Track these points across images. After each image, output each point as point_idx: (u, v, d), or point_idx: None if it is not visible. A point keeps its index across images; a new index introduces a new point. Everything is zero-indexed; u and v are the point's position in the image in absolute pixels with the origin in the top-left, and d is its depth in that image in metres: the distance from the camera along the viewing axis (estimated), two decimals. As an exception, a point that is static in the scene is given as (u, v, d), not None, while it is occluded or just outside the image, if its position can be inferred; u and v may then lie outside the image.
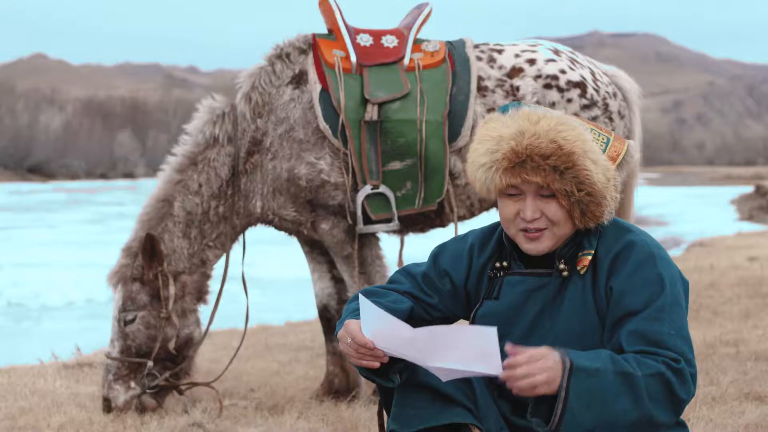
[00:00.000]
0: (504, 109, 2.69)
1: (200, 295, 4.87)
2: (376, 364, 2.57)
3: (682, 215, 30.80)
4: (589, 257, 2.65)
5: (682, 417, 2.67)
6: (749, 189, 42.50)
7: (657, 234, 21.35)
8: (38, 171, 75.80)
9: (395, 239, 5.08)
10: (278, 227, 4.94)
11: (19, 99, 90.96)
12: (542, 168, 2.57)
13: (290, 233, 5.00)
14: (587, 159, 2.59)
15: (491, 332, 2.39)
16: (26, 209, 34.99)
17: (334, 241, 4.78)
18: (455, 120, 4.75)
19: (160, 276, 4.69)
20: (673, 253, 16.15)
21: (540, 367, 2.39)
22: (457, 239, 2.90)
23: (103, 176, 78.62)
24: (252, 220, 4.87)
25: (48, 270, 16.21)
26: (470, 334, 2.42)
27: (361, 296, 2.58)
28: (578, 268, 2.65)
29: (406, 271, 2.89)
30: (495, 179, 2.61)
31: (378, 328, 2.53)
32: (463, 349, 2.44)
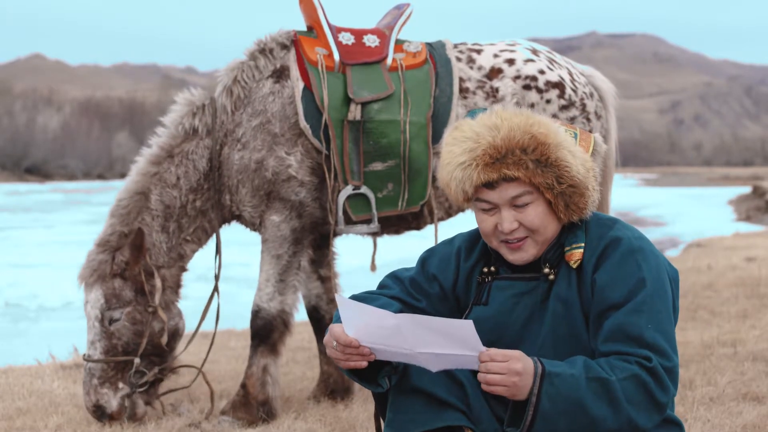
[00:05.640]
0: (471, 115, 2.70)
1: (177, 288, 4.81)
2: (364, 364, 2.56)
3: (680, 216, 30.79)
4: (580, 250, 2.65)
5: (680, 417, 2.67)
6: (747, 189, 42.56)
7: (655, 234, 21.38)
8: (36, 171, 75.72)
9: (368, 243, 5.03)
10: (245, 224, 4.89)
11: (16, 99, 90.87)
12: (523, 162, 2.58)
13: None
14: (565, 151, 2.61)
15: (468, 324, 2.41)
16: (24, 210, 34.94)
17: (277, 235, 4.69)
18: (438, 122, 4.73)
19: (142, 270, 4.62)
20: (671, 253, 16.16)
21: (508, 367, 2.41)
22: (445, 243, 2.90)
23: (101, 177, 78.51)
24: (226, 214, 4.80)
25: (46, 270, 16.17)
26: (449, 324, 2.44)
27: (337, 296, 2.59)
28: (570, 263, 2.65)
29: (394, 276, 2.89)
30: (473, 176, 2.59)
31: (360, 324, 2.53)
32: (445, 335, 2.45)
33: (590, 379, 2.44)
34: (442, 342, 2.46)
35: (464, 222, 3.36)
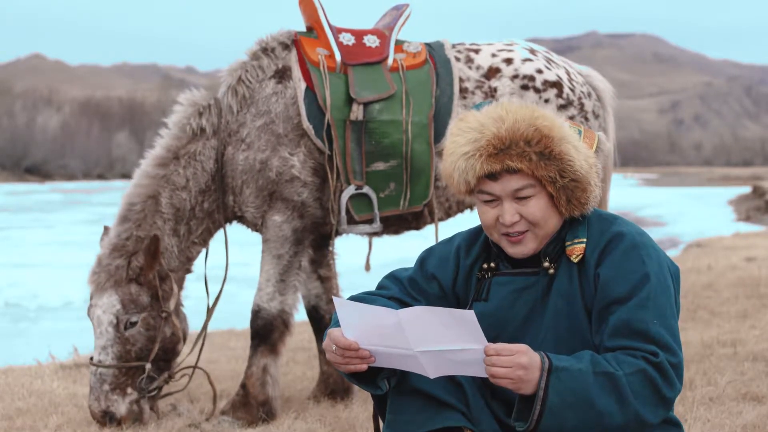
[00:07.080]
0: (478, 107, 2.71)
1: (180, 291, 4.78)
2: (364, 367, 2.55)
3: (680, 216, 30.79)
4: (582, 245, 2.65)
5: (679, 417, 2.68)
6: (747, 189, 42.59)
7: (655, 234, 21.32)
8: (36, 171, 75.72)
9: (363, 243, 5.03)
10: (247, 225, 4.88)
11: (16, 99, 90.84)
12: (526, 154, 2.58)
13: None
14: (568, 145, 2.61)
15: (470, 314, 2.40)
16: (24, 210, 34.94)
17: (278, 235, 4.68)
18: (440, 121, 4.75)
19: (156, 275, 4.57)
20: (671, 253, 16.15)
21: (513, 361, 2.41)
22: (444, 242, 2.89)
23: (101, 177, 78.48)
24: (228, 215, 4.79)
25: (45, 270, 16.18)
26: (451, 315, 2.42)
27: (335, 298, 2.57)
28: (572, 257, 2.65)
29: (393, 277, 2.88)
30: (476, 167, 2.59)
31: (359, 325, 2.51)
32: (446, 327, 2.43)
33: (597, 373, 2.44)
34: (445, 334, 2.43)
35: (464, 222, 3.35)
